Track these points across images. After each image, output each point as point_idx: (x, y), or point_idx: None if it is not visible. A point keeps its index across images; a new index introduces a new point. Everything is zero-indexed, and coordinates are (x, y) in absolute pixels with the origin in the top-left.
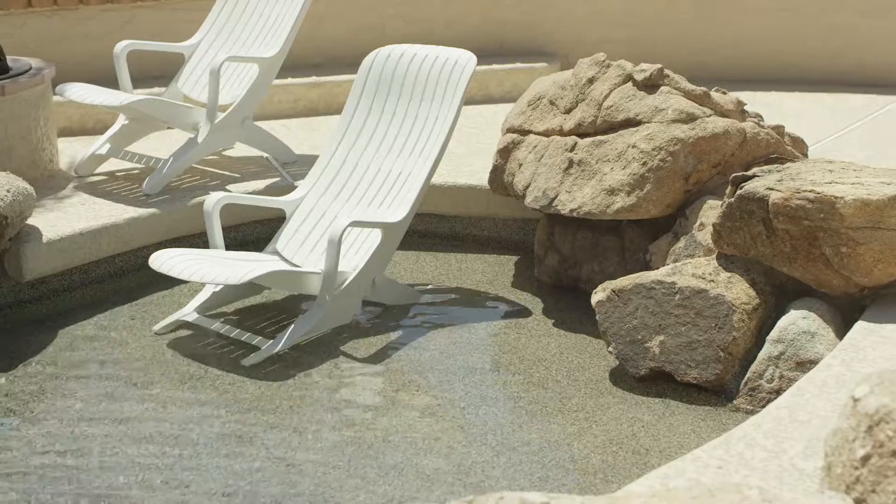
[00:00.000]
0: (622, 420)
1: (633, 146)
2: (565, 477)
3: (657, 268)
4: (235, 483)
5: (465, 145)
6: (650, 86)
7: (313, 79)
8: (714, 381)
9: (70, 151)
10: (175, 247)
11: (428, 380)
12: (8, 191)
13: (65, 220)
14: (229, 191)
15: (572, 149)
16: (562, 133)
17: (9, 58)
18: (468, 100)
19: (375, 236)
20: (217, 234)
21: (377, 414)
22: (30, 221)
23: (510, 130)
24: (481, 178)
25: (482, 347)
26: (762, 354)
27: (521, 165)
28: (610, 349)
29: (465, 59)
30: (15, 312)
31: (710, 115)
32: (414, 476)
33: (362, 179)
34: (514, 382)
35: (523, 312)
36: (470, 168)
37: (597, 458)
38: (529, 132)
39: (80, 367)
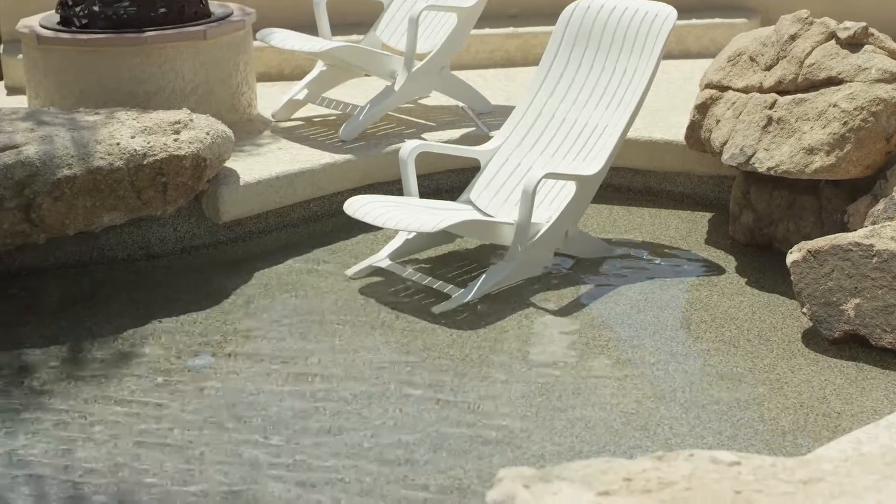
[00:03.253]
0: (813, 382)
1: (835, 105)
2: (754, 437)
3: (855, 229)
4: (424, 429)
5: (662, 100)
6: (853, 44)
7: (511, 29)
8: None
9: (268, 96)
10: (369, 193)
11: (618, 334)
12: (207, 133)
13: (262, 163)
14: (424, 139)
15: (772, 106)
16: (761, 90)
17: (211, 3)
18: (666, 54)
19: (569, 189)
20: (412, 181)
21: (566, 366)
22: (228, 164)
23: (708, 86)
24: (678, 133)
25: (673, 304)
26: None
27: (718, 122)
28: (804, 310)
29: (665, 13)
30: (211, 253)
31: None
32: (601, 429)
33: (558, 131)
34: (704, 340)
35: (716, 270)
36: (666, 123)
37: (786, 420)
38: (728, 88)
39: (273, 310)
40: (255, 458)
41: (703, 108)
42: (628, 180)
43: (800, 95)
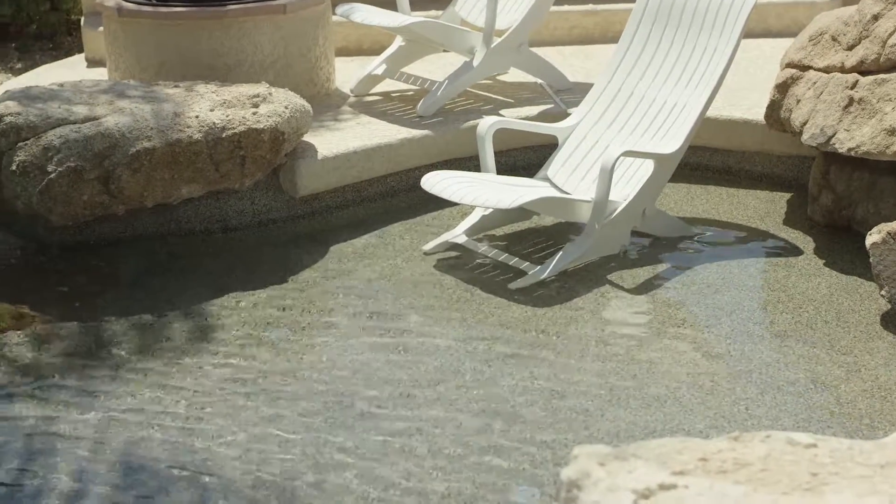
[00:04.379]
0: (891, 365)
1: None
2: (830, 419)
3: None
4: (497, 405)
5: (741, 78)
6: None
7: (590, 6)
8: None
9: (346, 71)
10: (446, 169)
11: (694, 314)
12: (286, 107)
13: (339, 138)
14: (502, 115)
15: (853, 86)
16: (843, 70)
17: None
18: (746, 33)
19: (647, 167)
20: (489, 157)
21: (641, 345)
22: (306, 138)
23: (789, 65)
24: (757, 112)
25: (750, 284)
26: None
27: (798, 101)
28: (882, 292)
29: None
30: (288, 227)
31: None
32: (676, 409)
33: (636, 109)
34: (781, 321)
35: (794, 251)
36: (746, 102)
37: (864, 403)
38: (809, 68)
39: (349, 284)
40: (337, 422)
41: (783, 88)
42: (706, 159)
43: (882, 76)
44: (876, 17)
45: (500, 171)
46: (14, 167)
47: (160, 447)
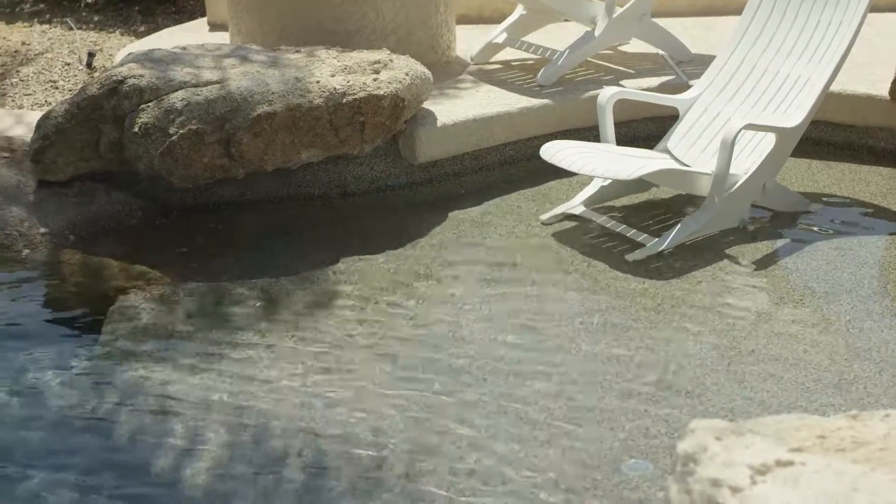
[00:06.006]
0: None
1: None
2: None
3: None
4: (613, 377)
5: (866, 53)
6: None
7: None
8: None
9: (467, 39)
10: (565, 139)
11: (813, 290)
12: (407, 74)
13: (459, 105)
14: (623, 86)
15: None
16: None
17: None
18: (872, 6)
19: (769, 141)
20: (609, 128)
21: (759, 320)
22: (425, 105)
23: None
24: (882, 88)
25: (870, 261)
26: None
27: None
28: None
29: None
30: (406, 194)
31: None
32: (793, 385)
33: (759, 82)
34: None
35: None
36: (871, 77)
37: None
38: None
39: (466, 252)
40: (452, 389)
41: None
42: (829, 134)
43: None
44: None
45: (619, 142)
46: (136, 129)
47: (276, 410)
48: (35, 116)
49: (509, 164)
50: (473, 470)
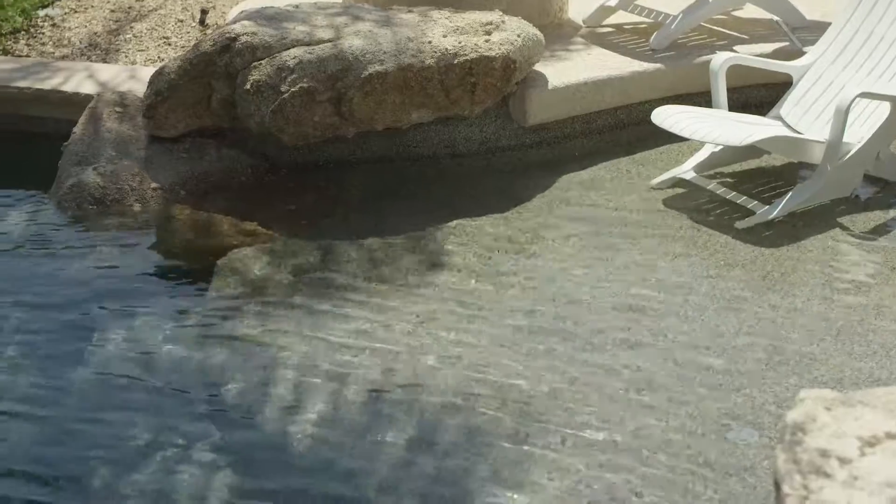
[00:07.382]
0: None
1: None
2: None
3: None
4: (721, 345)
5: None
6: None
7: None
8: None
9: (580, 2)
10: (676, 104)
11: None
12: (518, 35)
13: (570, 68)
14: (736, 52)
15: None
16: None
17: None
18: None
19: (883, 110)
20: (721, 94)
21: (869, 290)
22: (536, 67)
23: None
24: None
25: None
26: None
27: None
28: None
29: None
30: (515, 156)
31: None
32: None
33: (875, 50)
34: None
35: None
36: None
37: None
38: None
39: (575, 215)
40: (556, 351)
41: None
42: None
43: None
44: None
45: (731, 108)
46: (248, 86)
47: (381, 367)
48: (148, 72)
49: (619, 129)
50: (575, 430)
